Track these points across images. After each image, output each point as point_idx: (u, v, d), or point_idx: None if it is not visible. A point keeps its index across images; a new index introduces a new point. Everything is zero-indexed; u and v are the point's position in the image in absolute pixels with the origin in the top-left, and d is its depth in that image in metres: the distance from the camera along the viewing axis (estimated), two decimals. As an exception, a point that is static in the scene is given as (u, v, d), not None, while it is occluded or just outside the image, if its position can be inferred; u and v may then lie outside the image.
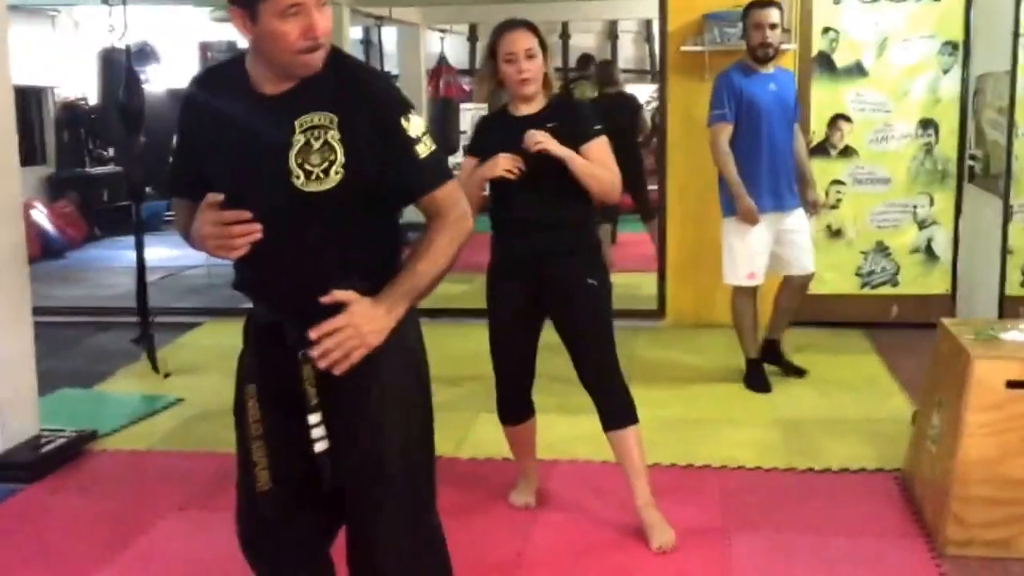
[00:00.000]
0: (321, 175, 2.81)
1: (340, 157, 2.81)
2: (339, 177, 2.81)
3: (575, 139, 4.47)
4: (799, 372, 6.93)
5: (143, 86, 7.63)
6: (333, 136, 2.81)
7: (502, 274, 4.71)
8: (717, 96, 6.48)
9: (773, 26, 6.39)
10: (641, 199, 10.14)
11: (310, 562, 3.34)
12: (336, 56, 2.91)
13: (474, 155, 4.64)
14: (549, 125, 4.47)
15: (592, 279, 4.60)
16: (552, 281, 4.60)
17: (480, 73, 4.66)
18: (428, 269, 2.88)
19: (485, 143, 4.64)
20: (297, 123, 2.83)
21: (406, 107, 2.90)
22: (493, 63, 4.53)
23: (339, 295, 2.81)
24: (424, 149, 2.88)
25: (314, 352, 2.78)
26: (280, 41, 2.76)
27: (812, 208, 6.75)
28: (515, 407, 4.92)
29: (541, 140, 4.38)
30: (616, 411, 4.75)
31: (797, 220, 6.64)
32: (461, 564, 3.27)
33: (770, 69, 6.51)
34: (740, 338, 6.83)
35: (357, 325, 2.79)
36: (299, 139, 2.82)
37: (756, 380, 6.73)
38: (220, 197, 2.83)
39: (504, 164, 4.43)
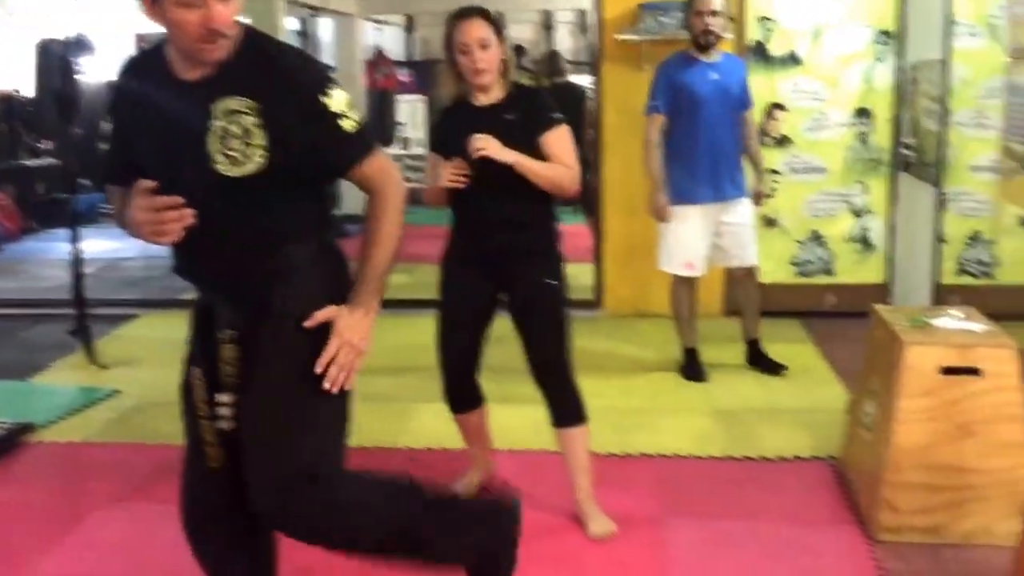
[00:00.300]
0: (242, 159, 2.84)
1: (260, 140, 2.84)
2: (260, 160, 2.85)
3: (534, 129, 4.42)
4: (780, 367, 6.85)
5: (79, 77, 7.58)
6: (251, 121, 2.84)
7: (459, 264, 4.67)
8: (653, 87, 6.47)
9: (714, 13, 6.34)
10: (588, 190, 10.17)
11: (252, 545, 3.37)
12: (254, 39, 2.92)
13: (436, 151, 4.61)
14: (507, 117, 4.44)
15: (551, 279, 4.61)
16: (511, 280, 4.59)
17: (441, 66, 4.58)
18: (384, 255, 3.00)
19: (446, 137, 4.59)
20: (214, 108, 2.85)
21: (325, 83, 2.92)
22: (450, 54, 4.48)
23: (320, 316, 2.97)
24: (348, 123, 2.93)
25: (325, 383, 2.96)
26: (180, 30, 2.78)
27: (755, 199, 6.75)
28: (461, 395, 4.91)
29: (483, 146, 4.31)
30: (566, 411, 4.74)
31: (739, 212, 6.61)
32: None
33: (714, 57, 6.46)
34: (677, 327, 6.83)
35: (348, 340, 2.97)
36: (217, 124, 2.84)
37: (692, 370, 6.74)
38: (152, 184, 2.84)
39: (447, 176, 4.39)
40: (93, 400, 6.53)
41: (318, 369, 2.95)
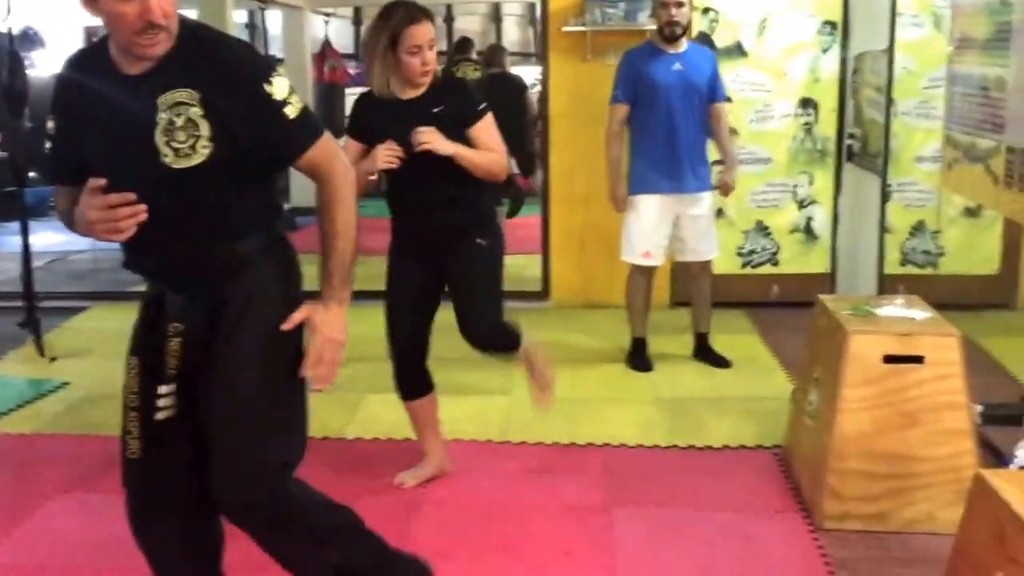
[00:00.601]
0: (188, 151, 2.83)
1: (206, 131, 2.83)
2: (207, 152, 2.84)
3: (462, 121, 4.55)
4: (724, 363, 6.86)
5: (28, 70, 7.54)
6: (196, 112, 2.83)
7: (401, 252, 4.78)
8: (616, 77, 6.51)
9: (680, 4, 6.35)
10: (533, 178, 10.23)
11: (193, 536, 3.36)
12: (195, 31, 2.92)
13: (356, 137, 4.66)
14: (435, 110, 4.52)
15: (482, 239, 4.69)
16: (448, 255, 4.69)
17: (378, 64, 4.56)
18: (346, 244, 3.03)
19: (370, 126, 4.64)
20: (159, 101, 2.84)
21: (267, 71, 2.92)
22: (393, 55, 4.50)
23: (296, 317, 3.03)
24: (293, 110, 2.93)
25: (317, 387, 3.05)
26: (117, 22, 2.76)
27: (723, 190, 6.78)
28: (411, 382, 4.95)
29: (427, 140, 4.43)
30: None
31: (700, 205, 6.63)
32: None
33: (679, 48, 6.47)
34: (629, 317, 6.86)
35: (328, 337, 3.03)
36: (162, 117, 2.83)
37: (640, 360, 6.77)
38: (102, 182, 2.83)
39: (382, 158, 4.47)
40: (43, 392, 6.54)
41: (308, 372, 3.01)
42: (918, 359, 4.31)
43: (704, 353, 6.91)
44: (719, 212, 8.09)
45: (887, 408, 4.31)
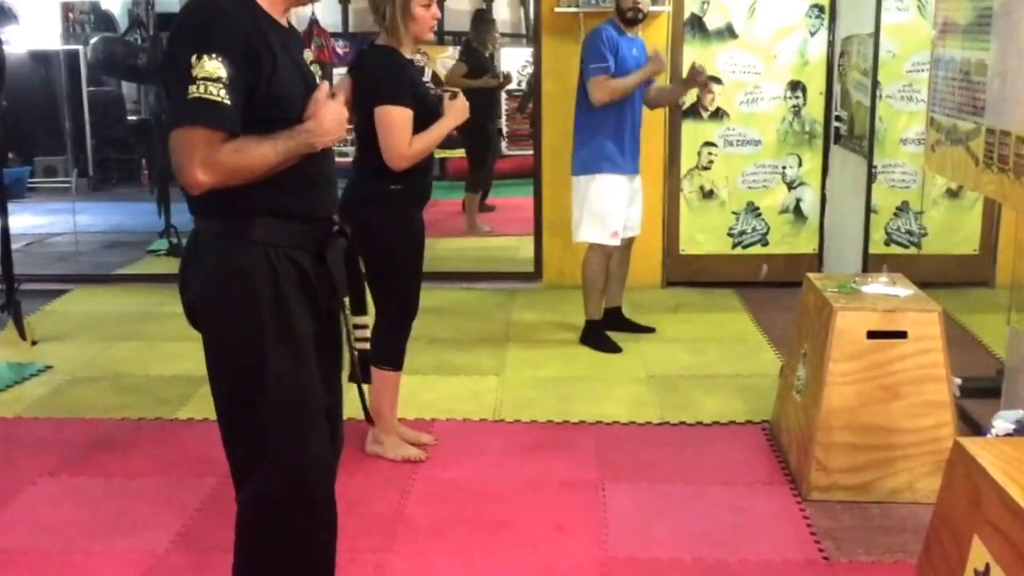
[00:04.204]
0: None
1: None
2: None
3: None
4: (649, 330, 7.18)
5: (2, 47, 7.46)
6: None
7: (416, 221, 5.01)
8: (595, 50, 6.54)
9: None
10: None
11: None
12: None
13: (412, 104, 4.74)
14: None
15: None
16: None
17: (400, 18, 4.71)
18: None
19: (421, 91, 4.87)
20: (305, 52, 3.17)
21: None
22: (406, 8, 4.69)
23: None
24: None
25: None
26: None
27: (702, 82, 7.03)
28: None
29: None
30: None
31: (638, 184, 6.92)
32: (342, 522, 3.37)
33: (635, 33, 6.70)
34: (589, 299, 6.95)
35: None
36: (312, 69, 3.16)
37: (606, 341, 6.91)
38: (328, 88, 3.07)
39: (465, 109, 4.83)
40: (24, 376, 6.54)
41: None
42: (901, 334, 4.53)
43: (627, 323, 7.18)
44: (710, 194, 8.35)
45: (871, 382, 4.54)
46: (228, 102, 2.83)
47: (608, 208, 6.69)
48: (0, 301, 7.35)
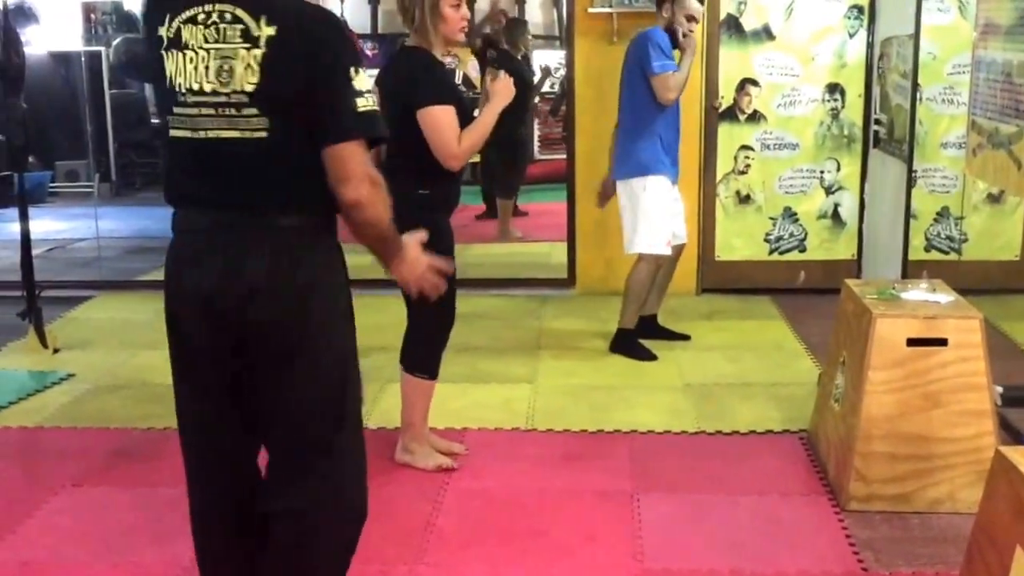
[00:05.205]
0: None
1: None
2: None
3: None
4: (684, 337, 7.23)
5: (24, 47, 7.46)
6: None
7: (446, 219, 5.01)
8: (655, 49, 6.58)
9: (697, 21, 6.73)
10: None
11: None
12: None
13: (453, 103, 4.82)
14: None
15: None
16: None
17: (431, 20, 4.76)
18: None
19: (457, 92, 5.00)
20: None
21: None
22: (436, 9, 4.73)
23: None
24: None
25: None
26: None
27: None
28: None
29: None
30: None
31: (678, 193, 6.96)
32: (372, 532, 3.45)
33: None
34: (628, 308, 6.97)
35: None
36: None
37: (640, 349, 6.94)
38: None
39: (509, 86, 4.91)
40: (46, 384, 6.55)
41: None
42: (942, 342, 4.56)
43: (662, 331, 7.22)
44: (747, 199, 8.39)
45: (911, 390, 4.57)
46: None
47: (661, 214, 6.73)
48: (21, 308, 7.37)
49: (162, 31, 3.02)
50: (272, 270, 3.08)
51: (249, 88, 2.98)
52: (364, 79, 3.05)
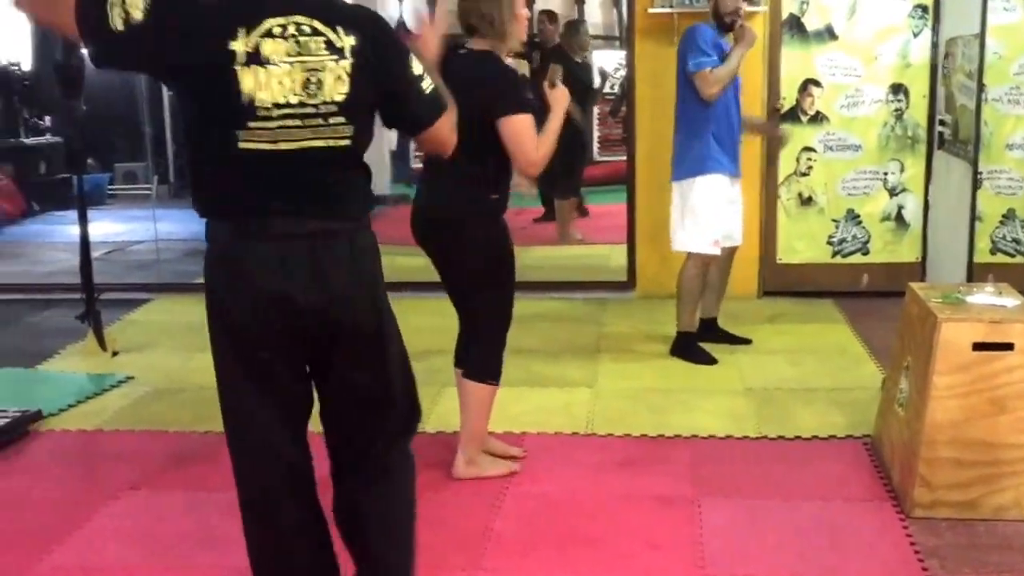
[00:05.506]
0: None
1: None
2: None
3: None
4: (745, 341, 7.20)
5: (80, 51, 7.56)
6: None
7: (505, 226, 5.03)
8: (695, 45, 6.54)
9: (742, 10, 6.70)
10: None
11: None
12: None
13: (531, 111, 4.82)
14: None
15: None
16: None
17: (509, 21, 4.78)
18: None
19: (531, 97, 4.99)
20: None
21: None
22: (511, 9, 4.76)
23: None
24: None
25: None
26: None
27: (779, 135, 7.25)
28: (456, 350, 5.23)
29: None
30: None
31: (738, 190, 6.92)
32: (431, 538, 3.46)
33: (730, 40, 6.68)
34: (683, 310, 6.93)
35: None
36: None
37: (700, 353, 6.91)
38: None
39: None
40: (105, 387, 6.62)
41: None
42: (1008, 346, 4.51)
43: (722, 334, 7.19)
44: (809, 200, 8.36)
45: (977, 395, 4.53)
46: None
47: (709, 213, 6.68)
48: (80, 311, 7.45)
49: (235, 45, 3.00)
50: (351, 271, 3.22)
51: (339, 98, 3.07)
52: (416, 61, 3.30)
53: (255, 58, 3.01)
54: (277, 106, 3.03)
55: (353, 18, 3.12)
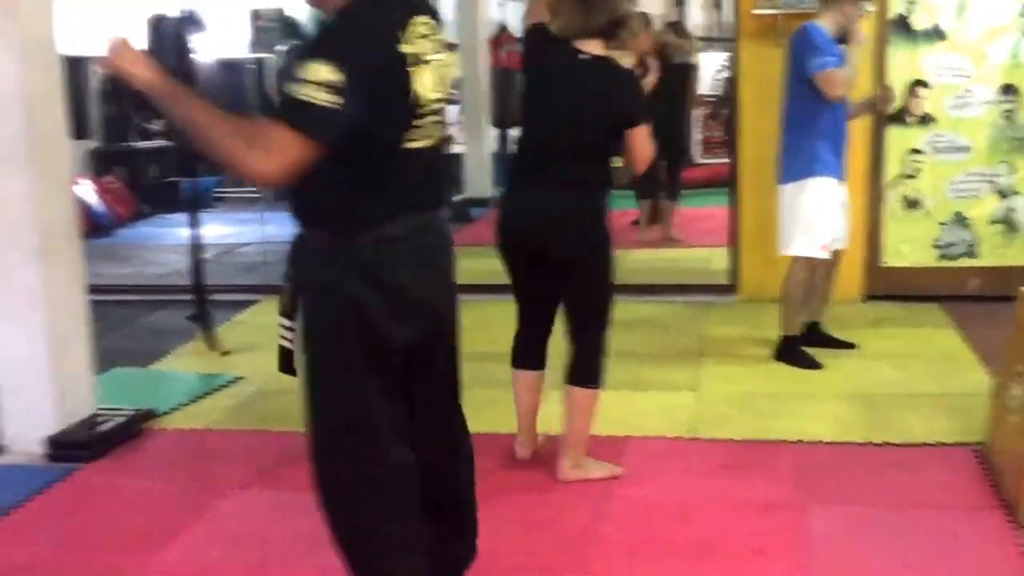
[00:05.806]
0: None
1: None
2: None
3: None
4: (849, 345, 7.08)
5: (191, 56, 7.70)
6: None
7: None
8: (815, 45, 6.42)
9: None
10: None
11: None
12: None
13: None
14: None
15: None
16: None
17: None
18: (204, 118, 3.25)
19: None
20: None
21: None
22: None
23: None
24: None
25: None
26: None
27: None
28: (521, 353, 5.24)
29: None
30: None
31: (846, 192, 6.80)
32: (535, 540, 3.44)
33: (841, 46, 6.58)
34: (787, 314, 6.85)
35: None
36: None
37: (805, 357, 6.81)
38: None
39: None
40: (215, 387, 6.73)
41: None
42: (1124, 352, 4.45)
43: (827, 339, 7.07)
44: (915, 203, 8.22)
45: (1092, 402, 4.45)
46: None
47: (819, 216, 6.59)
48: (190, 312, 7.58)
49: (404, 48, 3.06)
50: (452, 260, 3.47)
51: (448, 93, 3.26)
52: None
53: (419, 58, 3.10)
54: (430, 102, 3.15)
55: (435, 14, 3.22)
